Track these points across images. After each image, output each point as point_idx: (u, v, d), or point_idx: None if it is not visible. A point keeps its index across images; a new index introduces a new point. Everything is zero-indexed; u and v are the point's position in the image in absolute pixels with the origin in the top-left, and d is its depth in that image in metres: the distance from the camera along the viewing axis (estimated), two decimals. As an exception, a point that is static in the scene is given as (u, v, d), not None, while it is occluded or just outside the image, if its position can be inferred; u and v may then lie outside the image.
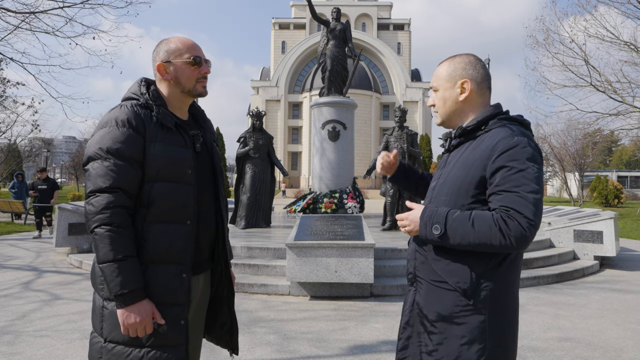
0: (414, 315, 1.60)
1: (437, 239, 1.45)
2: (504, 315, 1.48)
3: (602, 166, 43.94)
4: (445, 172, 1.58)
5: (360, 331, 4.07)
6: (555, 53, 16.03)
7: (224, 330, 1.88)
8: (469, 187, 1.47)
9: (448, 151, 1.64)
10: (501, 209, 1.38)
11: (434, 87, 1.65)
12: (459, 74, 1.59)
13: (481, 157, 1.45)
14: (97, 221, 1.50)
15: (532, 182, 1.37)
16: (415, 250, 1.62)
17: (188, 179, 1.63)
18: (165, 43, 1.70)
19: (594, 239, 7.27)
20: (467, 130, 1.54)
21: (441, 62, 1.67)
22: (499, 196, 1.39)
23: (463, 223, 1.41)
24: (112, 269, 1.48)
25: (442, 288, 1.50)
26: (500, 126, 1.49)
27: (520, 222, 1.34)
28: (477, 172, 1.45)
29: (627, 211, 21.34)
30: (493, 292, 1.45)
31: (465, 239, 1.40)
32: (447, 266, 1.48)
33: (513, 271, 1.50)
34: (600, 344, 3.81)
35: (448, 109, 1.62)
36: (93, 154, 1.56)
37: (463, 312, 1.45)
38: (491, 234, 1.36)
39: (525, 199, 1.36)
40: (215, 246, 1.81)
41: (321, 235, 5.44)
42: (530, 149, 1.40)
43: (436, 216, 1.46)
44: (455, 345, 1.46)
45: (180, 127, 1.68)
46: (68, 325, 4.18)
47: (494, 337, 1.45)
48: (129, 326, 1.50)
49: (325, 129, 10.32)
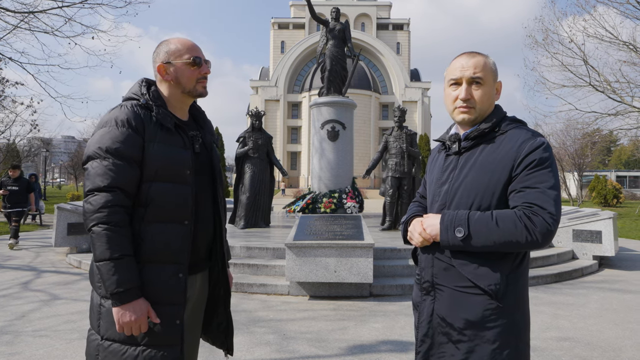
0: (433, 326, 1.53)
1: (460, 242, 1.41)
2: (526, 313, 1.50)
3: (601, 166, 44.00)
4: (460, 175, 1.52)
5: (359, 331, 4.07)
6: (555, 53, 16.05)
7: (220, 331, 1.88)
8: (495, 188, 1.45)
9: (458, 154, 1.56)
10: (523, 205, 1.39)
11: (478, 77, 1.50)
12: (496, 75, 1.56)
13: (505, 158, 1.44)
14: (95, 220, 1.51)
15: (552, 180, 1.40)
16: (433, 258, 1.54)
17: (186, 179, 1.64)
18: (165, 44, 1.71)
19: (593, 238, 7.28)
20: (484, 132, 1.51)
21: (468, 53, 1.56)
22: (521, 193, 1.40)
23: (487, 223, 1.39)
24: (109, 267, 1.49)
25: (469, 293, 1.46)
26: (516, 128, 1.50)
27: (544, 218, 1.36)
28: (503, 174, 1.44)
29: (626, 211, 21.37)
30: (516, 291, 1.46)
31: (490, 239, 1.38)
32: (476, 270, 1.44)
33: (527, 271, 1.52)
34: (599, 344, 3.81)
35: (487, 106, 1.54)
36: (92, 153, 1.57)
37: (493, 316, 1.43)
38: (516, 232, 1.36)
39: (546, 194, 1.38)
40: (213, 246, 1.81)
41: (320, 235, 5.44)
42: (550, 150, 1.44)
43: (457, 219, 1.43)
44: (487, 350, 1.42)
45: (179, 127, 1.69)
46: (67, 325, 4.17)
47: (521, 337, 1.46)
48: (124, 324, 1.51)
49: (324, 129, 10.32)
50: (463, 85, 1.51)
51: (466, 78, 1.50)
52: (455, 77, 1.53)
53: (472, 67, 1.50)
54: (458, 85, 1.53)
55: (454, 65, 1.55)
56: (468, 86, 1.50)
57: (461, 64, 1.52)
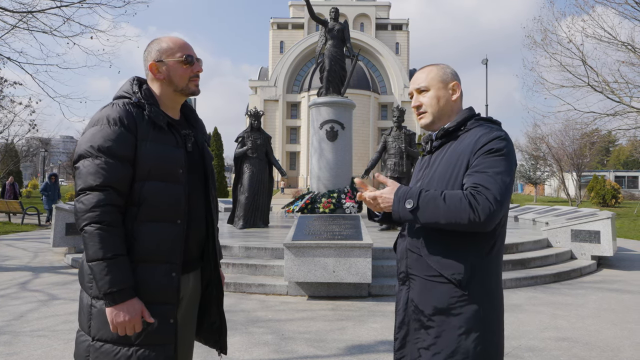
0: (408, 313, 1.64)
1: (409, 213, 1.50)
2: (495, 304, 1.57)
3: (599, 166, 44.06)
4: (430, 172, 1.65)
5: (358, 331, 4.07)
6: (553, 53, 16.07)
7: (213, 330, 1.87)
8: (455, 180, 1.56)
9: (430, 153, 1.72)
10: (471, 186, 1.48)
11: (423, 87, 1.70)
12: (450, 78, 1.71)
13: (464, 151, 1.56)
14: (87, 219, 1.50)
15: (502, 167, 1.49)
16: (407, 249, 1.67)
17: (179, 178, 1.64)
18: (156, 42, 1.70)
19: (592, 238, 7.29)
20: (449, 131, 1.64)
21: (423, 68, 1.76)
22: (471, 177, 1.51)
23: (435, 198, 1.48)
24: (102, 267, 1.48)
25: (436, 282, 1.55)
26: (478, 125, 1.62)
27: (487, 197, 1.44)
28: (462, 165, 1.55)
29: (625, 211, 21.41)
30: (484, 281, 1.54)
31: (436, 213, 1.47)
32: (442, 260, 1.54)
33: (498, 262, 1.62)
34: (598, 344, 3.82)
35: (442, 107, 1.69)
36: (84, 151, 1.56)
37: (459, 303, 1.52)
38: (460, 208, 1.44)
39: (493, 178, 1.47)
40: (205, 246, 1.81)
41: (319, 235, 5.43)
42: (506, 142, 1.54)
43: (410, 193, 1.53)
44: (453, 336, 1.51)
45: (172, 126, 1.68)
46: (65, 326, 4.17)
47: (488, 325, 1.54)
48: (117, 325, 1.50)
49: (323, 129, 10.32)
50: (414, 96, 1.74)
51: (414, 89, 1.73)
52: (409, 92, 1.79)
53: (416, 80, 1.72)
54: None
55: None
56: (417, 95, 1.72)
57: (413, 79, 1.75)
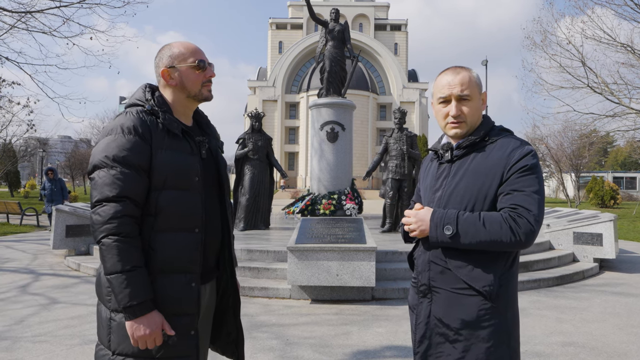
0: (430, 327, 1.60)
1: (448, 239, 1.49)
2: (515, 313, 1.59)
3: (597, 167, 44.16)
4: (453, 182, 1.60)
5: (363, 336, 4.04)
6: (553, 54, 16.05)
7: (230, 340, 1.84)
8: (487, 193, 1.53)
9: (451, 161, 1.65)
10: (510, 207, 1.48)
11: (466, 95, 1.58)
12: (481, 87, 1.64)
13: (497, 165, 1.53)
14: (105, 231, 1.47)
15: (537, 185, 1.50)
16: (429, 262, 1.62)
17: (195, 186, 1.61)
18: (168, 48, 1.67)
19: (594, 241, 7.27)
20: (475, 142, 1.60)
21: (455, 70, 1.62)
22: (509, 195, 1.49)
23: (474, 223, 1.48)
24: (121, 281, 1.45)
25: (464, 294, 1.53)
26: (505, 137, 1.60)
27: (528, 219, 1.45)
28: (495, 179, 1.53)
29: (623, 212, 21.43)
30: (507, 292, 1.55)
31: (476, 238, 1.47)
32: (471, 272, 1.52)
33: (517, 272, 1.62)
34: (604, 349, 3.79)
35: (477, 120, 1.63)
36: (99, 162, 1.53)
37: (487, 315, 1.51)
38: (502, 233, 1.45)
39: (532, 197, 1.47)
40: (221, 254, 1.78)
41: (322, 238, 5.40)
42: (536, 157, 1.55)
43: (447, 217, 1.51)
44: (482, 348, 1.50)
45: (186, 133, 1.65)
46: (67, 330, 4.12)
47: (512, 334, 1.55)
48: (138, 338, 1.48)
49: (324, 130, 10.30)
50: (452, 103, 1.58)
51: (455, 96, 1.58)
52: (444, 95, 1.60)
53: (458, 84, 1.57)
54: (447, 103, 1.61)
55: (440, 83, 1.62)
56: (457, 103, 1.58)
57: (447, 81, 1.59)
